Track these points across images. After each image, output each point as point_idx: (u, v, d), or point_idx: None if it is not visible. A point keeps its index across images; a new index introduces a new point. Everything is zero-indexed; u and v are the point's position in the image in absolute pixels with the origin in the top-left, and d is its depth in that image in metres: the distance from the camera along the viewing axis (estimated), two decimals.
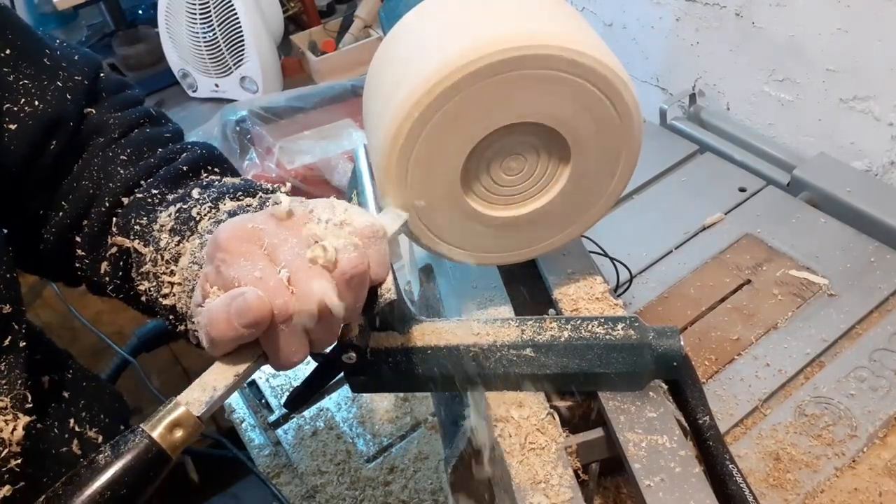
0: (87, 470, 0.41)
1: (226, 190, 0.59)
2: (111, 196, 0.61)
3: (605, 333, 0.54)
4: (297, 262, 0.42)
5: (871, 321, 0.90)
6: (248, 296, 0.40)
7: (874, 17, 0.99)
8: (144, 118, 0.67)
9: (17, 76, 0.59)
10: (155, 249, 0.57)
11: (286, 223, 0.44)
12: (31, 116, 0.59)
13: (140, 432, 0.42)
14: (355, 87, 1.55)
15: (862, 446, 0.77)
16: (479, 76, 0.47)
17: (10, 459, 0.53)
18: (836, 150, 1.13)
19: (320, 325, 0.43)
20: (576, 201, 0.57)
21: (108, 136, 0.64)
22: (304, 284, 0.42)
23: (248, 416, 1.00)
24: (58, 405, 0.64)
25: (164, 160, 0.63)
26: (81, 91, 0.62)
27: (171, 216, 0.57)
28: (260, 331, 0.42)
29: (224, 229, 0.44)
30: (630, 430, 0.52)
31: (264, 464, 0.93)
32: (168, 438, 0.42)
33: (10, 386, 0.54)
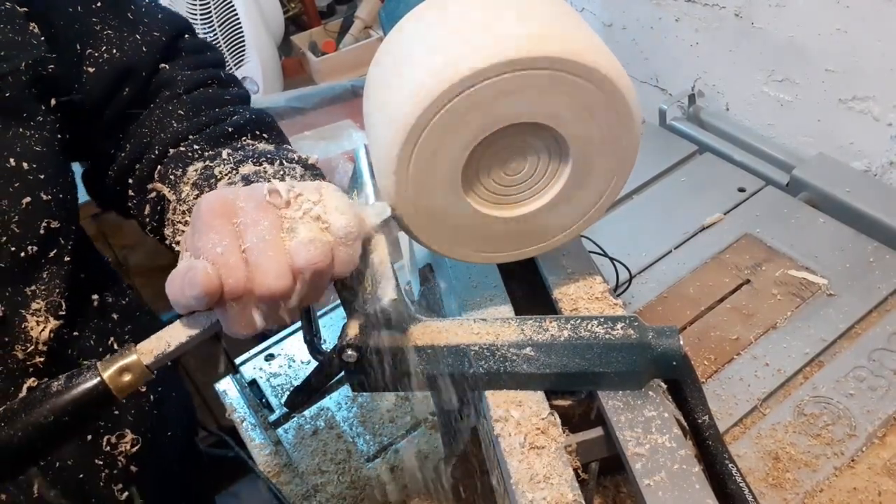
0: (40, 392, 0.46)
1: (251, 154, 0.61)
2: (161, 146, 0.66)
3: (604, 333, 0.54)
4: (259, 246, 0.44)
5: (870, 321, 0.90)
6: (197, 271, 0.44)
7: (874, 17, 0.99)
8: (212, 79, 0.71)
9: (103, 26, 0.65)
10: (177, 199, 0.61)
11: (264, 204, 0.46)
12: (108, 63, 0.65)
13: (93, 370, 0.46)
14: (355, 88, 1.55)
15: (861, 446, 0.77)
16: (479, 77, 0.47)
17: (35, 356, 0.60)
18: (835, 151, 1.13)
19: (270, 307, 0.46)
20: (575, 201, 0.57)
21: (173, 91, 0.69)
22: (259, 269, 0.44)
23: (249, 415, 1.00)
24: (102, 323, 0.70)
25: (215, 120, 0.67)
26: (158, 46, 0.68)
27: (197, 171, 0.61)
28: (208, 303, 0.45)
29: (206, 199, 0.47)
30: (630, 429, 0.52)
31: (265, 463, 0.94)
32: (116, 380, 0.46)
33: (48, 292, 0.61)
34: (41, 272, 0.61)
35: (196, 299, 0.44)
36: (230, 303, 0.45)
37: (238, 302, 0.45)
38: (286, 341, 1.10)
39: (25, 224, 0.58)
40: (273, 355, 1.07)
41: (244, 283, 0.44)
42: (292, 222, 0.46)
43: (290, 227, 0.45)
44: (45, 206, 0.60)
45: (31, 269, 0.60)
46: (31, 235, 0.59)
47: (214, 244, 0.45)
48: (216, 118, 0.67)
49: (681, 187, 1.16)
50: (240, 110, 0.69)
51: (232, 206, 0.46)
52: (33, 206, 0.59)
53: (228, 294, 0.44)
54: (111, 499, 0.69)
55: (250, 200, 0.46)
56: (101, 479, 0.67)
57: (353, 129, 1.47)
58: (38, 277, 0.60)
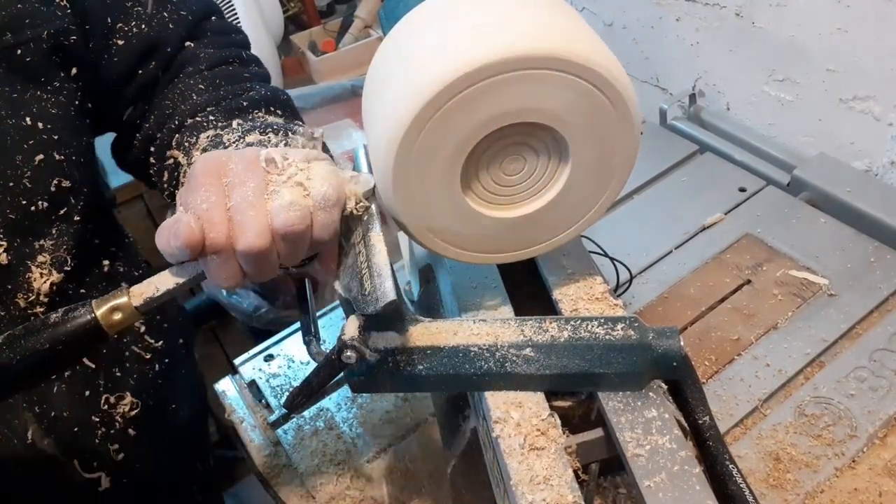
0: (39, 322, 0.49)
1: (258, 125, 0.63)
2: (180, 116, 0.69)
3: (604, 334, 0.54)
4: (242, 205, 0.48)
5: (870, 321, 0.90)
6: (181, 223, 0.47)
7: (874, 17, 0.99)
8: (234, 58, 0.74)
9: (134, 3, 0.69)
10: (188, 164, 0.64)
11: (253, 167, 0.49)
12: (136, 37, 0.69)
13: (88, 306, 0.50)
14: (355, 87, 1.55)
15: (862, 446, 0.77)
16: (479, 77, 0.47)
17: (37, 306, 0.63)
18: (835, 150, 1.13)
19: (249, 263, 0.50)
20: (575, 201, 0.57)
21: (196, 67, 0.72)
22: (240, 227, 0.48)
23: (248, 416, 1.00)
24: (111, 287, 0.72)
25: (232, 94, 0.70)
26: (185, 24, 0.72)
27: (208, 138, 0.64)
28: (191, 254, 0.48)
29: (202, 158, 0.51)
30: (630, 430, 0.52)
31: (264, 464, 0.93)
32: (108, 318, 0.50)
33: (55, 247, 0.64)
34: (50, 227, 0.64)
35: (180, 249, 0.48)
36: (212, 255, 0.49)
37: (219, 255, 0.49)
38: (285, 342, 1.09)
39: (37, 180, 0.62)
40: (272, 356, 1.07)
41: (225, 238, 0.48)
42: (277, 186, 0.49)
43: (275, 191, 0.49)
44: (57, 165, 0.63)
45: (41, 224, 0.63)
46: (42, 191, 0.62)
47: (202, 200, 0.48)
48: (233, 92, 0.70)
49: (681, 187, 1.16)
50: (257, 87, 0.72)
51: (224, 166, 0.50)
52: (45, 164, 0.62)
53: (210, 247, 0.48)
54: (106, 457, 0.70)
55: (241, 162, 0.50)
56: (96, 437, 0.69)
57: (353, 128, 1.47)
58: (47, 232, 0.64)
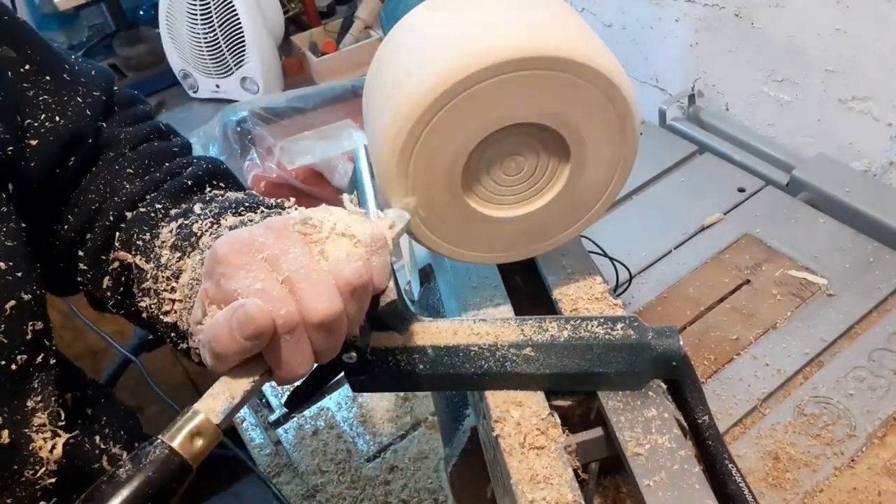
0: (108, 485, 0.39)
1: (228, 205, 0.58)
2: (115, 210, 0.61)
3: (604, 333, 0.54)
4: (300, 272, 0.42)
5: (869, 321, 0.90)
6: (248, 306, 0.40)
7: (873, 17, 0.99)
8: (154, 132, 0.67)
9: (38, 91, 0.59)
10: (156, 266, 0.56)
11: (285, 233, 0.43)
12: (52, 132, 0.58)
13: (161, 443, 0.41)
14: (356, 88, 1.55)
15: (861, 446, 0.77)
16: (479, 78, 0.47)
17: (46, 477, 0.53)
18: (835, 151, 1.13)
19: (324, 335, 0.43)
20: (575, 201, 0.57)
21: (117, 150, 0.63)
22: (308, 294, 0.41)
23: (249, 415, 1.00)
24: (83, 422, 0.64)
25: (170, 174, 0.63)
26: (99, 106, 0.62)
27: (172, 232, 0.57)
28: (263, 342, 0.41)
29: (222, 242, 0.43)
30: (629, 429, 0.52)
31: (265, 463, 0.94)
32: (188, 448, 0.41)
33: (45, 403, 0.54)
34: (32, 382, 0.54)
35: (251, 340, 0.40)
36: (284, 337, 0.41)
37: (292, 334, 0.41)
38: None
39: (12, 332, 0.52)
40: None
41: (297, 313, 0.41)
42: (320, 244, 0.44)
43: (320, 250, 0.43)
44: (27, 308, 0.53)
45: (23, 382, 0.53)
46: (19, 343, 0.52)
47: (251, 281, 0.41)
48: (170, 172, 0.63)
49: (681, 187, 1.16)
50: (193, 161, 0.65)
51: (252, 241, 0.43)
52: (17, 310, 0.52)
53: (283, 327, 0.41)
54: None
55: (270, 232, 0.43)
56: None
57: (353, 129, 1.47)
58: (31, 389, 0.54)
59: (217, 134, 1.44)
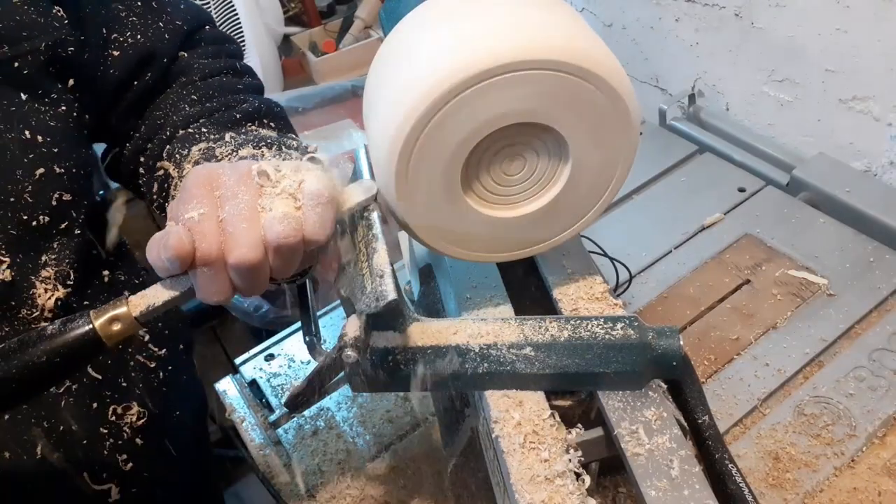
0: (36, 334, 0.48)
1: (252, 138, 0.63)
2: (172, 127, 0.68)
3: (604, 333, 0.54)
4: (235, 218, 0.47)
5: (870, 321, 0.90)
6: (171, 235, 0.46)
7: (873, 17, 0.99)
8: (228, 69, 0.74)
9: (129, 13, 0.69)
10: (179, 176, 0.63)
11: (244, 179, 0.49)
12: (132, 47, 0.68)
13: (86, 317, 0.48)
14: (356, 88, 1.55)
15: (861, 446, 0.77)
16: (479, 78, 0.47)
17: (40, 321, 0.62)
18: (835, 151, 1.13)
19: (241, 277, 0.48)
20: (575, 201, 0.57)
21: (189, 77, 0.71)
22: (233, 239, 0.47)
23: (249, 415, 1.00)
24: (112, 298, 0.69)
25: (225, 106, 0.69)
26: (180, 35, 0.71)
27: (200, 150, 0.63)
28: (181, 266, 0.47)
29: (194, 170, 0.50)
30: (629, 429, 0.52)
31: (264, 463, 0.93)
32: (106, 329, 0.48)
33: (57, 261, 0.63)
34: (52, 242, 0.63)
35: (170, 262, 0.47)
36: (202, 268, 0.47)
37: (210, 268, 0.47)
38: (286, 341, 1.10)
39: (38, 194, 0.60)
40: (273, 355, 1.07)
41: (217, 251, 0.47)
42: (270, 199, 0.48)
43: (268, 202, 0.48)
44: (57, 179, 0.62)
45: (43, 239, 0.62)
46: (43, 206, 0.61)
47: (193, 211, 0.47)
48: (226, 104, 0.69)
49: (681, 187, 1.16)
50: (250, 98, 0.71)
51: (216, 178, 0.49)
52: (46, 178, 0.61)
53: (200, 259, 0.47)
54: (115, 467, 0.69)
55: (233, 174, 0.49)
56: (105, 448, 0.68)
57: (353, 128, 1.47)
58: (49, 247, 0.62)
59: None
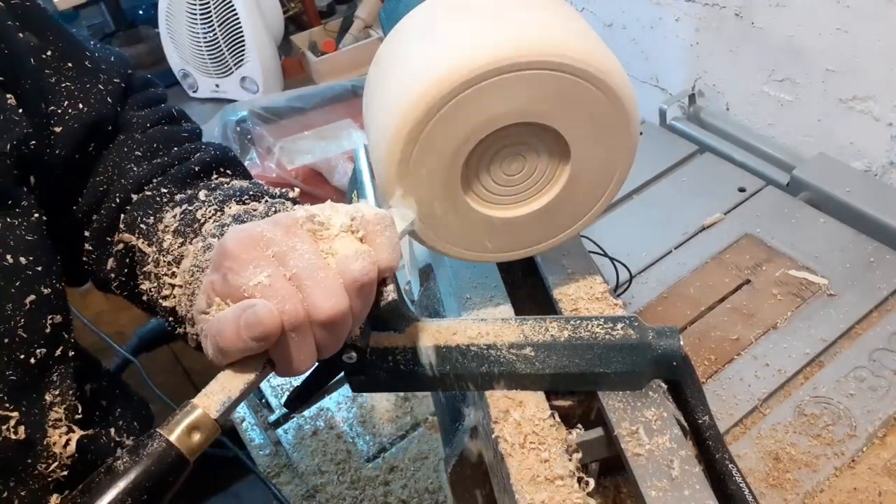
0: (105, 476, 0.40)
1: (232, 193, 0.58)
2: (122, 192, 0.61)
3: (604, 333, 0.54)
4: (307, 269, 0.42)
5: (870, 321, 0.90)
6: (258, 308, 0.40)
7: (874, 17, 0.99)
8: (165, 117, 0.67)
9: (60, 78, 0.59)
10: (158, 250, 0.57)
11: (293, 230, 0.44)
12: (76, 119, 0.59)
13: (158, 436, 0.41)
14: (355, 88, 1.55)
15: (861, 446, 0.77)
16: (479, 78, 0.47)
17: (59, 471, 0.53)
18: (835, 151, 1.13)
19: (329, 333, 0.43)
20: (575, 201, 0.57)
21: (128, 134, 0.64)
22: (314, 292, 0.42)
23: (249, 415, 1.00)
24: (99, 414, 0.64)
25: (178, 159, 0.63)
26: (119, 93, 0.63)
27: (175, 217, 0.57)
28: (270, 343, 0.41)
29: (231, 236, 0.44)
30: (629, 429, 0.52)
31: (264, 463, 0.94)
32: (186, 442, 0.41)
33: (62, 397, 0.54)
34: (51, 375, 0.54)
35: (257, 340, 0.41)
36: (290, 335, 0.42)
37: (297, 333, 0.42)
38: None
39: (31, 326, 0.52)
40: None
41: (303, 311, 0.42)
42: (328, 241, 0.44)
43: (328, 247, 0.44)
44: (47, 302, 0.53)
45: (42, 375, 0.53)
46: (38, 336, 0.52)
47: (257, 276, 0.42)
48: (178, 157, 0.63)
49: (681, 187, 1.16)
50: (201, 147, 0.65)
51: (261, 236, 0.43)
52: (36, 304, 0.52)
53: (289, 325, 0.41)
54: None
55: (278, 228, 0.44)
56: None
57: (353, 129, 1.47)
58: (50, 382, 0.54)
59: (216, 134, 1.44)
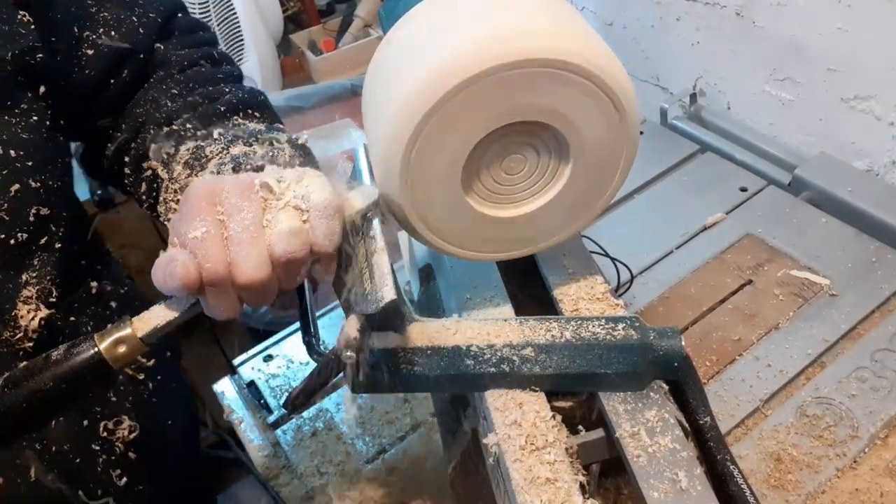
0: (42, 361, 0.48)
1: (241, 134, 0.62)
2: (155, 124, 0.66)
3: (605, 334, 0.54)
4: (240, 236, 0.47)
5: (872, 321, 0.89)
6: (177, 263, 0.46)
7: (874, 16, 0.99)
8: (206, 58, 0.72)
9: (99, 8, 0.66)
10: (169, 178, 0.62)
11: (247, 192, 0.48)
12: (107, 45, 0.66)
13: (90, 341, 0.48)
14: (355, 87, 1.55)
15: (863, 447, 0.76)
16: (479, 77, 0.47)
17: (26, 341, 0.60)
18: (837, 150, 1.13)
19: (250, 294, 0.48)
20: (575, 200, 0.57)
21: (167, 71, 0.69)
22: (239, 259, 0.46)
23: (248, 416, 0.99)
24: (100, 310, 0.70)
25: (207, 98, 0.67)
26: (154, 27, 0.69)
27: (189, 150, 0.62)
28: (188, 292, 0.47)
29: (194, 185, 0.49)
30: (630, 430, 0.52)
31: (263, 465, 0.93)
32: (112, 351, 0.48)
33: (38, 279, 0.61)
34: (32, 259, 0.61)
35: (175, 290, 0.47)
36: (209, 288, 0.47)
37: (217, 287, 0.47)
38: (285, 342, 1.09)
39: (15, 211, 0.59)
40: (271, 356, 1.07)
41: (223, 271, 0.46)
42: (274, 211, 0.48)
43: (273, 216, 0.48)
44: (34, 193, 0.60)
45: (22, 257, 0.60)
46: (21, 223, 0.59)
47: (197, 230, 0.47)
48: (209, 96, 0.68)
49: (682, 187, 1.16)
50: (233, 89, 0.69)
51: (218, 193, 0.48)
52: (22, 193, 0.59)
53: (207, 281, 0.46)
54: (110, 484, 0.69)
55: (236, 188, 0.48)
56: (98, 464, 0.68)
57: (353, 128, 1.47)
58: (29, 264, 0.61)
59: None
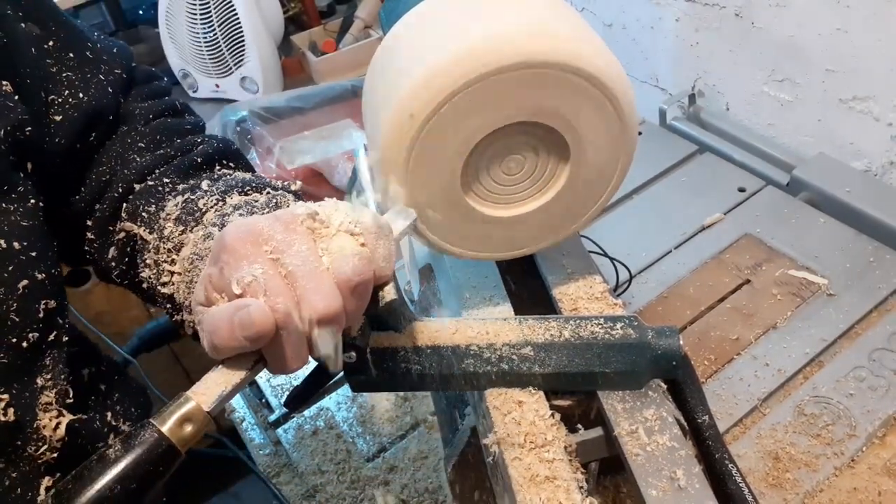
0: (97, 464, 0.41)
1: (234, 184, 0.59)
2: (124, 182, 0.61)
3: (604, 333, 0.54)
4: (303, 268, 0.42)
5: (870, 321, 0.90)
6: (252, 309, 0.40)
7: (874, 17, 0.99)
8: (168, 109, 0.68)
9: (61, 68, 0.60)
10: (158, 237, 0.57)
11: (292, 227, 0.44)
12: (76, 108, 0.60)
13: (150, 427, 0.41)
14: (355, 88, 1.55)
15: (861, 446, 0.77)
16: (479, 78, 0.47)
17: (48, 453, 0.54)
18: (835, 150, 1.13)
19: (323, 334, 0.43)
20: (574, 200, 0.57)
21: (131, 125, 0.65)
22: (308, 291, 0.42)
23: (249, 415, 1.00)
24: (96, 398, 0.65)
25: (180, 150, 0.63)
26: (120, 84, 0.64)
27: (177, 206, 0.58)
28: (263, 342, 0.42)
29: (231, 230, 0.44)
30: (629, 429, 0.52)
31: (264, 463, 0.94)
32: (178, 433, 0.42)
33: (54, 381, 0.55)
34: (44, 359, 0.55)
35: (251, 340, 0.41)
36: (282, 333, 0.42)
37: (288, 330, 0.42)
38: None
39: (24, 310, 0.53)
40: None
41: (295, 309, 0.42)
42: (326, 240, 0.44)
43: (325, 246, 0.44)
44: (40, 287, 0.54)
45: (34, 359, 0.54)
46: (31, 320, 0.53)
47: (250, 274, 0.42)
48: (180, 148, 0.64)
49: (681, 187, 1.16)
50: (204, 139, 0.66)
51: (259, 233, 0.43)
52: (30, 289, 0.53)
53: (281, 323, 0.41)
54: None
55: (278, 224, 0.44)
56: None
57: (353, 128, 1.47)
58: (42, 366, 0.55)
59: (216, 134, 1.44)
